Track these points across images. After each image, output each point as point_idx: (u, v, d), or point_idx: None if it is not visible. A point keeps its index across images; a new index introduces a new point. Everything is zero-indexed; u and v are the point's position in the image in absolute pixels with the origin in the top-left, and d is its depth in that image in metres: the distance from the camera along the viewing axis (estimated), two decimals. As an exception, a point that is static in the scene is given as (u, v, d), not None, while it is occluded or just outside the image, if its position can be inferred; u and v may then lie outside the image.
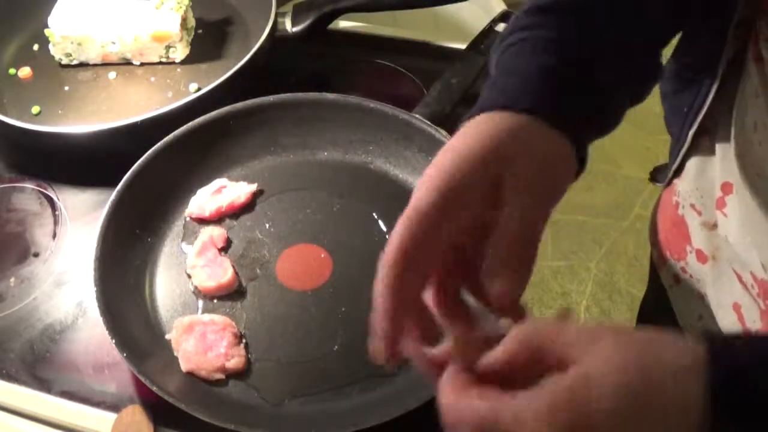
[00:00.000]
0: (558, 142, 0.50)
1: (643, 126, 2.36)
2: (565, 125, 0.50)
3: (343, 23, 1.08)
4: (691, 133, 0.74)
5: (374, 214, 0.83)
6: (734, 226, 0.69)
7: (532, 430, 0.37)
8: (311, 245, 0.81)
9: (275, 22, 0.98)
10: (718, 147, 0.72)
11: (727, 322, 0.74)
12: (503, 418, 0.37)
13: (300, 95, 0.89)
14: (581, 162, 0.53)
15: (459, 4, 1.08)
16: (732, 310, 0.73)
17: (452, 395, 0.40)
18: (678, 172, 0.82)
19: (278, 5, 1.00)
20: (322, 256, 0.80)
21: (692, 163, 0.77)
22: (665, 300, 0.86)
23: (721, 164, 0.71)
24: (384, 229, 0.82)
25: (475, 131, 0.48)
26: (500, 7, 1.17)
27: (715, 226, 0.74)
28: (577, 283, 2.07)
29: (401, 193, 0.85)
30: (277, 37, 0.99)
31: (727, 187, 0.70)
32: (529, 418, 0.37)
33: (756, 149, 0.62)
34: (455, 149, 0.47)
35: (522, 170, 0.47)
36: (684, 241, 0.79)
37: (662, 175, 0.86)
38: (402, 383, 0.70)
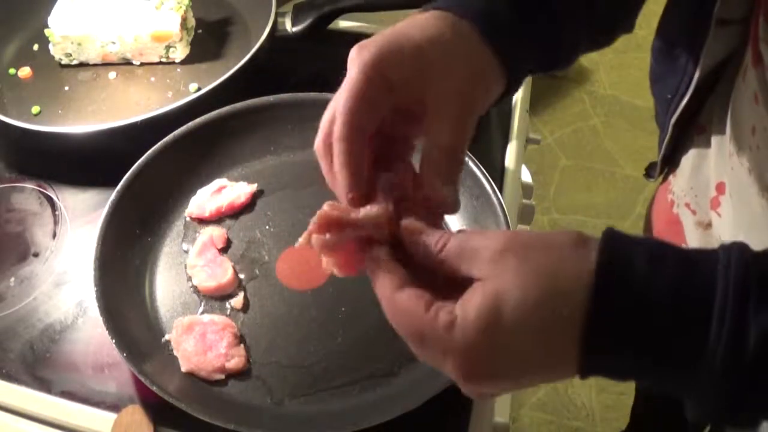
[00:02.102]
0: (484, 60, 0.51)
1: (643, 126, 2.36)
2: (500, 44, 0.50)
3: (343, 23, 1.08)
4: (672, 121, 0.73)
5: (374, 214, 0.83)
6: (728, 226, 0.69)
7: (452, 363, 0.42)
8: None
9: (275, 22, 0.98)
10: (714, 145, 0.72)
11: None
12: (428, 343, 0.43)
13: (300, 95, 0.89)
14: (512, 84, 0.53)
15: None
16: None
17: (388, 290, 0.45)
18: (672, 168, 0.81)
19: (278, 5, 1.00)
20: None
21: (687, 161, 0.77)
22: None
23: (715, 163, 0.71)
24: (384, 229, 0.82)
25: (417, 24, 0.50)
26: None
27: (709, 225, 0.73)
28: (577, 283, 2.07)
29: (401, 193, 0.85)
30: (277, 37, 0.99)
31: (721, 187, 0.70)
32: (451, 355, 0.42)
33: (753, 153, 0.62)
34: (390, 39, 0.49)
35: (438, 81, 0.49)
36: (679, 241, 0.79)
37: (655, 171, 0.86)
38: (402, 383, 0.70)
